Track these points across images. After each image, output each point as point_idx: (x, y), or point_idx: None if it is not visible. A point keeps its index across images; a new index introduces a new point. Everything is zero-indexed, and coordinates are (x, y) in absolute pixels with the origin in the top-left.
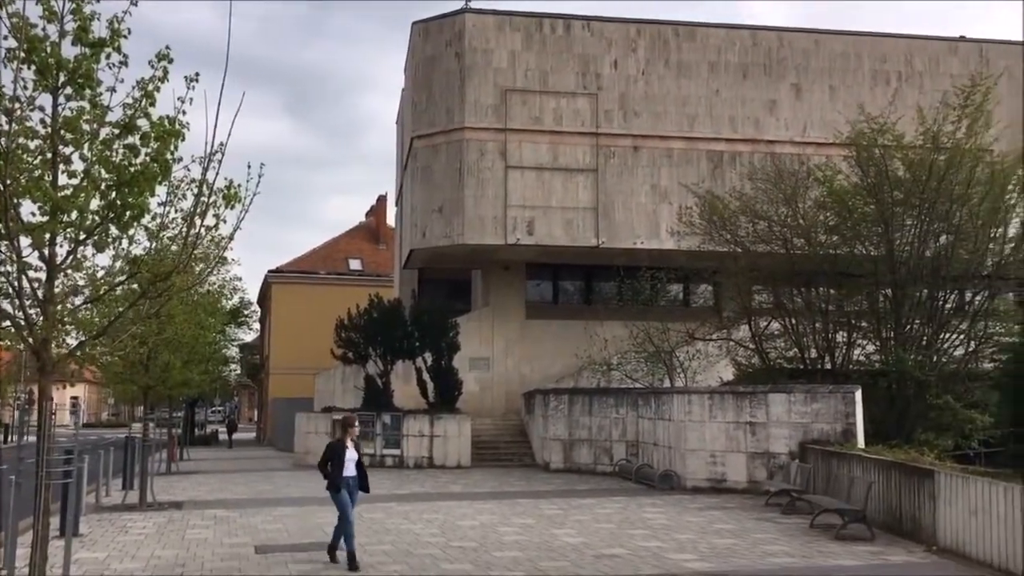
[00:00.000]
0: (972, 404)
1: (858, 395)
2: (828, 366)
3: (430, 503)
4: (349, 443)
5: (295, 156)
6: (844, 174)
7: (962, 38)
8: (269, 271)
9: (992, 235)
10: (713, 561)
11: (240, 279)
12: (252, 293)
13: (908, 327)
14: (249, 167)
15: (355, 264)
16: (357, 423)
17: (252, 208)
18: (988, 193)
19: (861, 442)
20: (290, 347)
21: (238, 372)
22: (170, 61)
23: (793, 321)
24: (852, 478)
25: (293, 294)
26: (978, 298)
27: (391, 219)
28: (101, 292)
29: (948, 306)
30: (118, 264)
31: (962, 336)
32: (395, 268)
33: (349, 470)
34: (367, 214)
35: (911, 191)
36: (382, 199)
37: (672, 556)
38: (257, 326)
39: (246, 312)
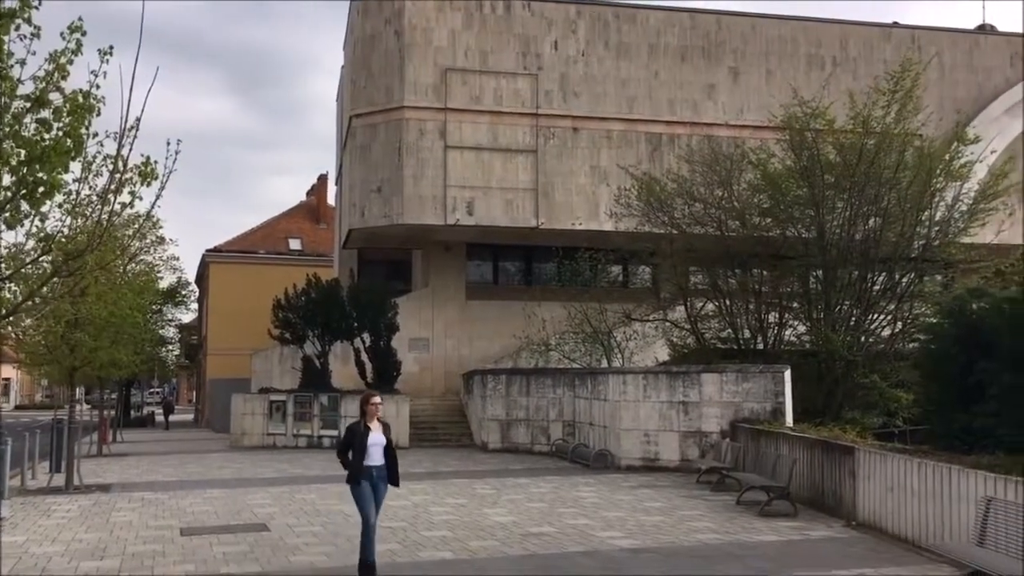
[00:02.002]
0: (898, 383)
1: (787, 375)
2: (760, 346)
3: None
4: (374, 424)
5: (239, 136)
6: (778, 157)
7: (895, 24)
8: (207, 250)
9: (919, 218)
10: (639, 538)
11: (178, 259)
12: (191, 272)
13: (838, 308)
14: (168, 144)
15: (295, 244)
16: (378, 398)
17: (192, 188)
18: (916, 177)
19: (790, 420)
20: (228, 327)
21: (176, 353)
22: (83, 33)
23: (728, 302)
24: (778, 455)
25: (231, 273)
26: (905, 280)
27: (332, 198)
28: (11, 271)
29: (876, 288)
30: (30, 243)
31: (889, 317)
32: (335, 248)
33: (374, 458)
34: (308, 193)
35: (842, 175)
36: (323, 178)
37: (599, 534)
38: (195, 306)
39: (184, 292)
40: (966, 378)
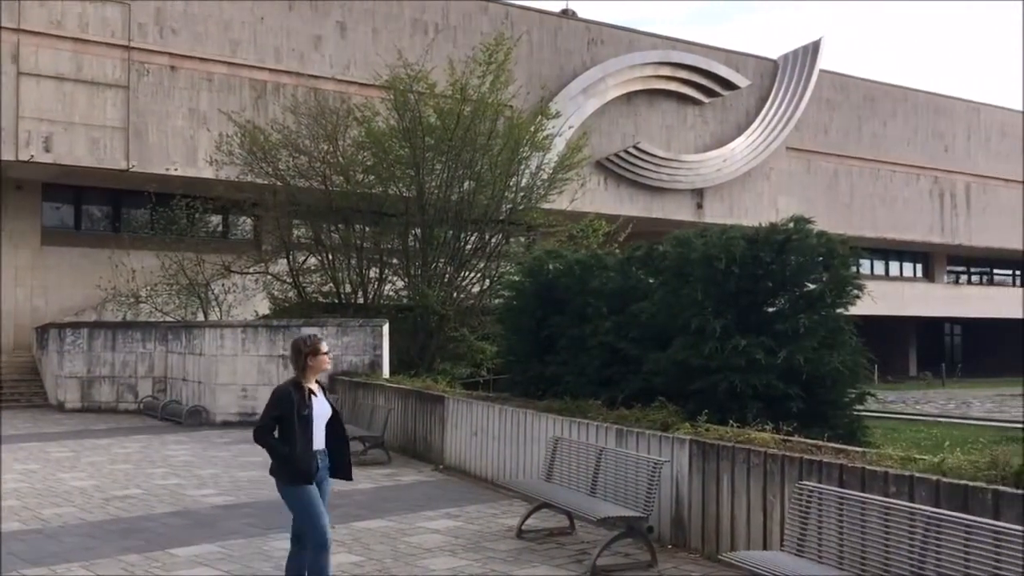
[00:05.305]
0: (484, 336)
1: (386, 328)
2: (361, 301)
3: None
4: (315, 387)
5: None
6: (383, 116)
7: None
8: None
9: (507, 184)
10: (234, 495)
11: None
12: None
13: (434, 265)
14: None
15: None
16: (325, 347)
17: None
18: (505, 145)
19: (387, 372)
20: None
21: None
22: None
23: (330, 256)
24: (375, 406)
25: None
26: (494, 240)
27: None
28: None
29: (469, 247)
30: None
31: (479, 275)
32: None
33: (318, 438)
34: None
35: (441, 138)
36: None
37: (191, 492)
38: None
39: None
40: (541, 331)
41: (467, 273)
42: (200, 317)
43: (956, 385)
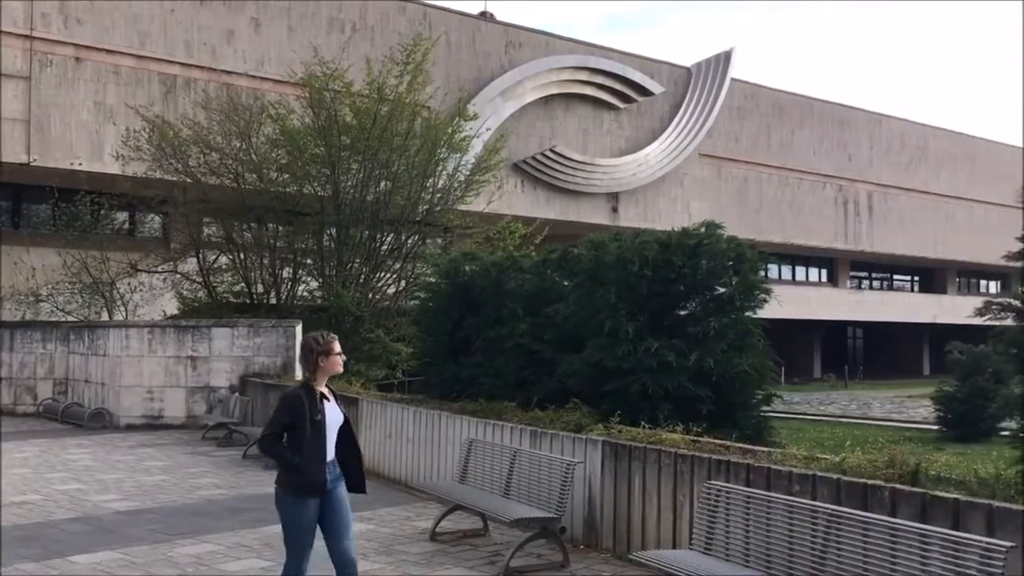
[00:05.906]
0: (399, 337)
1: (299, 329)
2: (274, 301)
3: None
4: (327, 390)
5: None
6: (298, 114)
7: None
8: None
9: (424, 185)
10: (138, 499)
11: None
12: None
13: (349, 266)
14: None
15: None
16: (338, 347)
17: None
18: (423, 146)
19: (299, 374)
20: None
21: None
22: None
23: (242, 256)
24: None
25: None
26: (410, 241)
27: None
28: None
29: (384, 248)
30: None
31: (395, 276)
32: None
33: (330, 447)
34: None
35: (357, 137)
36: None
37: (93, 498)
38: None
39: None
40: (457, 333)
41: (383, 274)
42: (104, 317)
43: (858, 387)
